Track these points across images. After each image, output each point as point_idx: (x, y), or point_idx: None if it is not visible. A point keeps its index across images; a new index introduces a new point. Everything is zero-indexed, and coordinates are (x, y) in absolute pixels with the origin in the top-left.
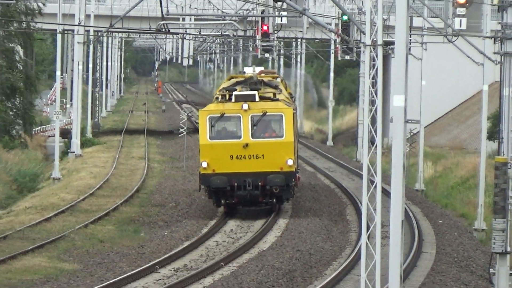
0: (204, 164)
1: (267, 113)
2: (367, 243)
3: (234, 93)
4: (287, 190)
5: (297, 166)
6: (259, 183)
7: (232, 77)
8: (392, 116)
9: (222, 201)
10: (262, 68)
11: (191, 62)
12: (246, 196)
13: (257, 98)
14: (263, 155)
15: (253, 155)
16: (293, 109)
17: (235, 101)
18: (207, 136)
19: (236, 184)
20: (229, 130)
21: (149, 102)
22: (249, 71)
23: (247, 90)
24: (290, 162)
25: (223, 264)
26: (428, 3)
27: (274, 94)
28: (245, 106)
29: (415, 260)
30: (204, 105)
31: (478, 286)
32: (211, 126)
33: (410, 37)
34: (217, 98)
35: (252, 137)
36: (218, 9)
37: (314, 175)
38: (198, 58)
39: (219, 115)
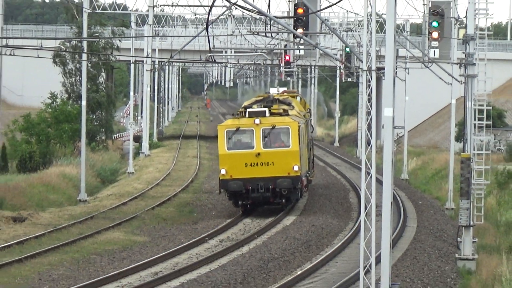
0: (223, 171)
1: (275, 127)
2: (365, 219)
3: (248, 110)
4: (294, 192)
5: (310, 169)
6: (270, 186)
7: (258, 97)
8: (383, 123)
9: (240, 202)
10: (285, 88)
11: (231, 84)
12: (259, 198)
13: (267, 114)
14: (273, 162)
15: (264, 163)
16: (299, 123)
17: (249, 117)
18: (225, 147)
19: (250, 187)
20: (243, 141)
21: (200, 115)
22: (273, 91)
23: (261, 107)
24: (296, 168)
25: (256, 236)
26: (410, 38)
27: (285, 110)
28: (257, 120)
29: (401, 232)
30: None
31: (448, 251)
32: (228, 139)
33: (396, 64)
34: (232, 114)
35: (263, 147)
36: (251, 43)
37: (325, 168)
38: (237, 81)
39: (235, 129)
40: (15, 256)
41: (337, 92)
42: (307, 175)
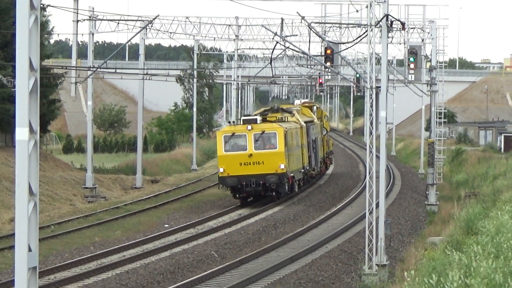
0: (221, 170)
1: (265, 132)
2: (369, 180)
3: (243, 118)
4: (281, 186)
5: (311, 165)
6: (261, 182)
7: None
8: (380, 120)
9: (237, 195)
10: (307, 100)
11: (286, 97)
12: (252, 192)
13: (258, 121)
14: (263, 162)
15: (256, 162)
16: (286, 129)
17: (243, 124)
18: (222, 150)
19: (244, 183)
20: (238, 144)
21: None
22: (297, 102)
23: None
24: (282, 166)
25: (299, 193)
26: (396, 68)
27: (282, 118)
28: (249, 127)
29: (391, 187)
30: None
31: (421, 200)
32: (225, 142)
33: (387, 84)
34: (229, 122)
35: (255, 149)
36: (298, 72)
37: (344, 149)
38: (289, 95)
39: (230, 134)
40: (153, 204)
41: (351, 101)
42: (305, 170)
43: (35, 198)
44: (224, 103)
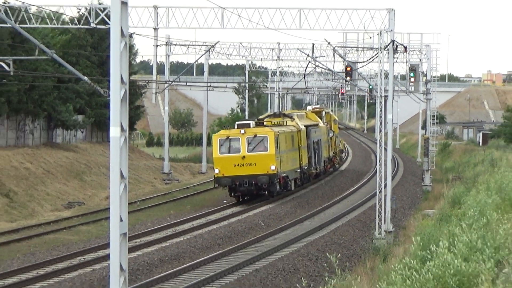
0: (217, 171)
1: (257, 135)
2: (378, 167)
3: (237, 122)
4: (272, 186)
5: (310, 165)
6: (253, 182)
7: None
8: (387, 121)
9: (232, 194)
10: (317, 106)
11: (316, 104)
12: (245, 191)
13: (251, 126)
14: (255, 163)
15: (248, 163)
16: (276, 133)
17: (237, 128)
18: (218, 152)
19: (238, 183)
20: (232, 147)
21: None
22: (309, 108)
23: (272, 119)
24: (273, 167)
25: (325, 177)
26: (399, 81)
27: (281, 122)
28: (242, 131)
29: (396, 172)
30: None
31: (418, 182)
32: (220, 145)
33: (393, 93)
34: (223, 127)
35: (247, 151)
36: (325, 84)
37: (360, 144)
38: (319, 102)
39: (225, 137)
40: (214, 185)
41: (366, 107)
42: (302, 170)
43: (125, 180)
44: (269, 108)
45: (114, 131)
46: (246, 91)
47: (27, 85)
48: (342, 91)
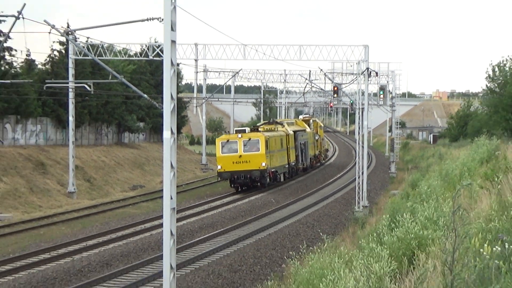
0: (219, 167)
1: (251, 139)
2: (357, 159)
3: (235, 129)
4: (263, 179)
5: (298, 162)
6: (248, 176)
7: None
8: (364, 126)
9: (232, 185)
10: (307, 115)
11: (312, 114)
12: (242, 183)
13: (247, 131)
14: (249, 161)
15: (244, 161)
16: (267, 137)
17: (235, 133)
18: (220, 152)
19: (236, 176)
20: (231, 148)
21: None
22: (301, 116)
23: (265, 125)
24: (263, 164)
25: (317, 167)
26: (373, 98)
27: (273, 128)
28: (240, 135)
29: (370, 163)
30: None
31: (386, 170)
32: (222, 147)
33: (368, 106)
34: (224, 132)
35: (243, 151)
36: (319, 100)
37: (344, 142)
38: (313, 113)
39: (226, 140)
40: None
41: (348, 116)
42: (290, 165)
43: (174, 170)
44: (278, 116)
45: (166, 134)
46: (261, 105)
47: (103, 101)
48: (331, 104)
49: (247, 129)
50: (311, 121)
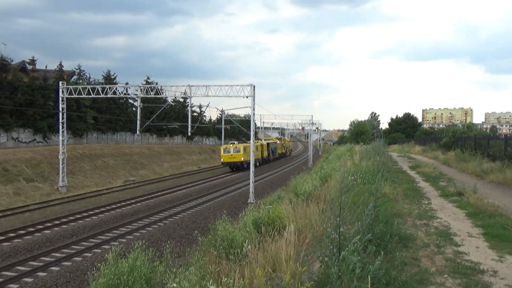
0: (222, 160)
1: (236, 147)
2: (308, 156)
3: (230, 142)
4: (242, 166)
5: (270, 156)
6: (236, 164)
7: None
8: (310, 139)
9: (230, 169)
10: (280, 136)
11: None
12: (233, 167)
13: (236, 143)
14: (236, 157)
15: (233, 157)
16: (245, 146)
17: (230, 144)
18: (222, 153)
19: (230, 164)
20: (228, 151)
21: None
22: (273, 135)
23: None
24: (242, 159)
25: (273, 161)
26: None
27: (254, 142)
28: (231, 145)
29: (314, 152)
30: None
31: (318, 154)
32: (223, 150)
33: (311, 132)
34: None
35: (233, 152)
36: (294, 126)
37: (303, 146)
38: (292, 135)
39: (225, 147)
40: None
41: (309, 136)
42: (263, 158)
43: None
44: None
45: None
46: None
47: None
48: (302, 130)
49: (236, 142)
50: (282, 139)
